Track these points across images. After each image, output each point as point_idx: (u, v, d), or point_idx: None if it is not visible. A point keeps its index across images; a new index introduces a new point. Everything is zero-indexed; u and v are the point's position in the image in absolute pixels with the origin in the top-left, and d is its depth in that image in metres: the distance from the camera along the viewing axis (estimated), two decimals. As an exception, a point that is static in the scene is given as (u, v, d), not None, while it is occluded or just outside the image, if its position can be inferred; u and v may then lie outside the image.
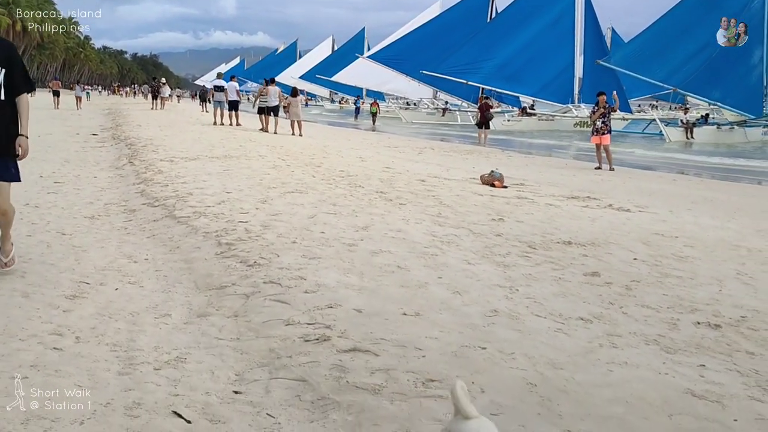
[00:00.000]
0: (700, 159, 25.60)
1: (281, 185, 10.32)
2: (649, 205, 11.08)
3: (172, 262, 6.30)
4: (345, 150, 19.38)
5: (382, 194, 9.95)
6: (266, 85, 27.33)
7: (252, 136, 21.33)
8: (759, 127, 35.97)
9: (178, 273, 5.96)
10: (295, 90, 27.27)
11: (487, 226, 7.84)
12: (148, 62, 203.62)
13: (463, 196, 10.34)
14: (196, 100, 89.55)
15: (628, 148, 28.77)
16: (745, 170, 22.09)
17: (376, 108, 49.93)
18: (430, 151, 22.53)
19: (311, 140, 22.97)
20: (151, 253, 6.62)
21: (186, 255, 6.50)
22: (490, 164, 18.89)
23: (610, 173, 17.98)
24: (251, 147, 16.97)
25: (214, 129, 24.18)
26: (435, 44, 51.44)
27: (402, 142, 27.53)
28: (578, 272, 5.89)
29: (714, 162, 24.22)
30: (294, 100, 25.64)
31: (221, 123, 27.60)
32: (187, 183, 10.31)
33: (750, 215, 10.77)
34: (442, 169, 15.42)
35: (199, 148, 15.95)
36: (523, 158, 22.33)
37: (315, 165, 13.68)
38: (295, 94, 26.33)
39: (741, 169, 22.38)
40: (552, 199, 10.97)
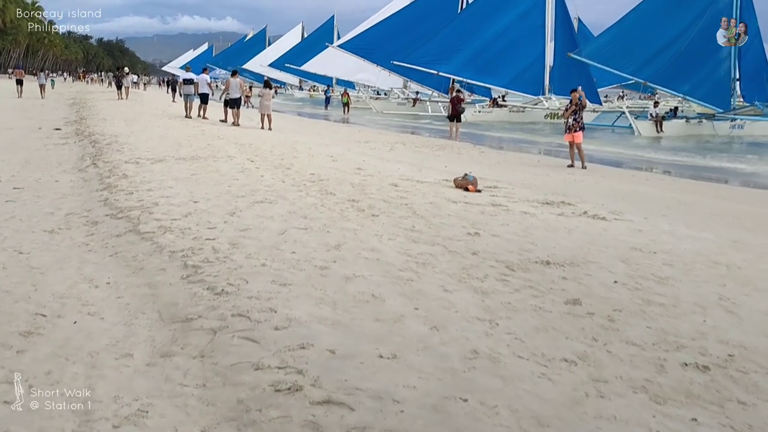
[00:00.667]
0: (670, 157, 25.64)
1: (250, 193, 10.02)
2: (624, 210, 10.96)
3: (135, 287, 6.01)
4: (315, 147, 19.06)
5: (354, 203, 9.70)
6: (230, 77, 26.93)
7: (220, 132, 20.91)
8: (727, 121, 36.23)
9: (141, 300, 5.68)
10: (267, 82, 26.91)
11: (462, 242, 7.63)
12: (115, 47, 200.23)
13: (437, 204, 10.12)
14: (164, 87, 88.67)
15: (599, 143, 28.75)
16: (715, 169, 22.17)
17: (347, 98, 49.78)
18: (401, 147, 22.32)
19: (281, 135, 22.60)
20: (114, 276, 6.33)
21: (150, 278, 6.21)
22: (462, 161, 18.76)
23: (583, 172, 17.91)
24: (219, 146, 16.59)
25: (182, 124, 23.71)
26: (405, 34, 51.07)
27: (373, 135, 27.27)
28: (559, 299, 5.71)
29: (684, 160, 24.28)
30: (266, 92, 25.25)
31: (190, 116, 27.16)
32: (153, 190, 9.97)
33: (724, 222, 10.72)
34: (414, 170, 15.18)
35: (165, 147, 15.55)
36: (496, 154, 22.21)
37: (285, 167, 13.37)
38: (268, 86, 25.94)
39: (711, 167, 22.44)
40: (527, 205, 10.80)
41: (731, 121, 36.29)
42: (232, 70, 28.86)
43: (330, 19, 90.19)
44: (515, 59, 45.15)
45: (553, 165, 19.60)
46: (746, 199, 14.19)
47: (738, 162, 23.82)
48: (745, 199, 14.17)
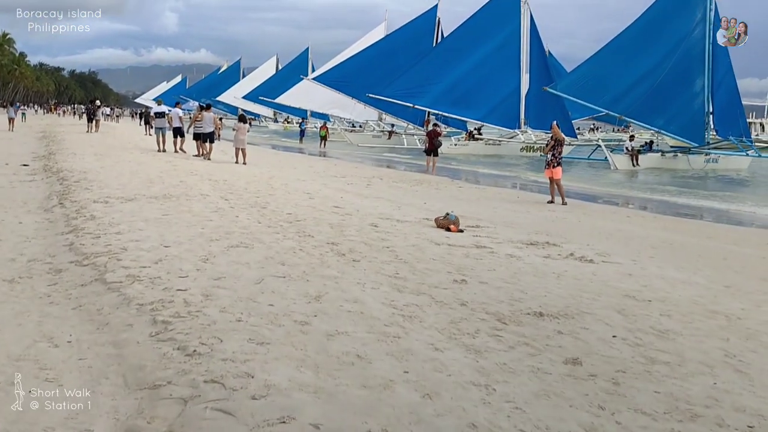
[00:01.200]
0: (649, 192, 25.57)
1: (225, 236, 9.57)
2: (611, 251, 10.69)
3: (99, 346, 5.54)
4: (292, 182, 18.67)
5: (334, 246, 9.29)
6: (200, 111, 26.58)
7: (194, 168, 20.45)
8: (701, 155, 36.45)
9: (105, 362, 5.20)
10: (242, 116, 26.66)
11: (449, 291, 7.25)
12: (87, 79, 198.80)
13: (420, 247, 9.75)
14: (137, 119, 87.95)
15: (576, 177, 28.66)
16: (694, 206, 22.08)
17: (325, 132, 49.65)
18: (378, 182, 21.98)
19: (256, 170, 22.19)
20: (76, 332, 5.84)
21: (116, 336, 5.73)
22: (441, 197, 18.46)
23: (564, 208, 17.67)
24: (193, 183, 16.13)
25: (154, 158, 23.20)
26: (380, 67, 51.24)
27: (349, 169, 26.94)
28: (557, 358, 5.33)
29: (664, 196, 24.18)
30: (241, 126, 24.90)
31: (163, 150, 26.70)
32: (122, 234, 9.49)
33: (713, 264, 10.46)
34: (393, 207, 14.84)
35: (136, 184, 15.06)
36: (474, 190, 21.94)
37: (261, 206, 12.94)
38: (243, 121, 25.62)
39: (691, 204, 22.35)
40: (511, 246, 10.48)
41: (706, 155, 36.50)
42: (205, 104, 28.45)
43: (305, 51, 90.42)
44: (490, 92, 45.27)
45: (533, 201, 19.35)
46: (731, 238, 13.98)
47: (716, 198, 23.77)
48: (729, 238, 13.96)
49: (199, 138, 25.68)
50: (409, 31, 54.12)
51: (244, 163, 23.98)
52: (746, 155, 36.41)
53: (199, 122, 25.67)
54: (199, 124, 25.65)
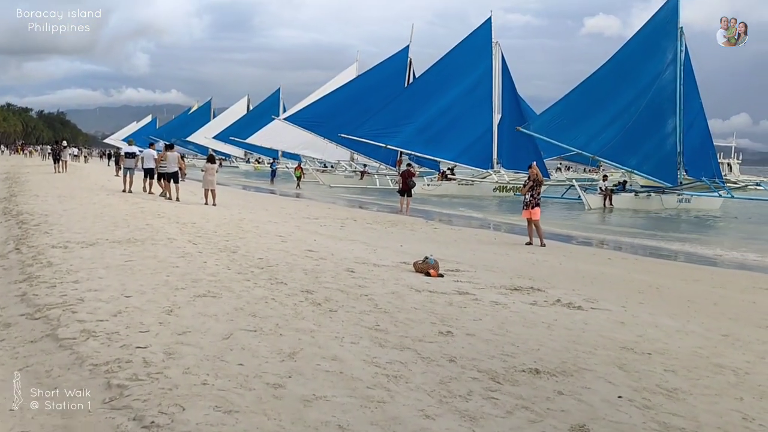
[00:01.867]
0: (626, 233, 25.30)
1: (191, 284, 8.94)
2: (598, 297, 10.24)
3: (44, 415, 4.88)
4: (263, 225, 18.06)
5: (309, 295, 8.70)
6: (165, 151, 26.03)
7: (161, 209, 19.74)
8: (674, 195, 36.46)
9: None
10: (211, 156, 26.12)
11: (435, 345, 6.69)
12: (55, 120, 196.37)
13: (400, 294, 9.20)
14: (105, 159, 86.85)
15: (551, 217, 28.39)
16: (672, 247, 21.83)
17: (300, 172, 49.48)
18: (352, 223, 21.45)
19: (226, 212, 21.55)
20: (21, 399, 5.17)
21: (65, 402, 5.07)
22: (417, 239, 17.96)
23: (543, 250, 17.28)
24: (159, 226, 15.44)
25: (121, 200, 22.46)
26: (352, 107, 51.06)
27: (322, 210, 26.39)
28: (562, 425, 4.77)
29: (641, 237, 23.92)
30: (210, 167, 24.32)
31: (129, 190, 26.01)
32: (80, 282, 8.80)
33: (705, 311, 10.06)
34: (369, 250, 14.29)
35: (100, 228, 14.34)
36: (450, 231, 21.46)
37: (230, 250, 12.32)
38: (212, 161, 25.01)
39: (670, 245, 22.08)
40: (494, 292, 9.99)
41: (678, 195, 36.54)
42: (169, 143, 27.97)
43: (276, 91, 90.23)
44: (463, 132, 45.18)
45: (510, 243, 18.93)
46: (716, 281, 13.61)
47: (694, 240, 23.55)
48: (715, 281, 13.59)
49: (163, 178, 25.17)
50: (380, 72, 54.06)
51: (213, 204, 23.37)
52: (719, 196, 36.50)
53: (163, 162, 25.13)
54: (163, 163, 25.11)
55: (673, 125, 36.57)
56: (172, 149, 26.41)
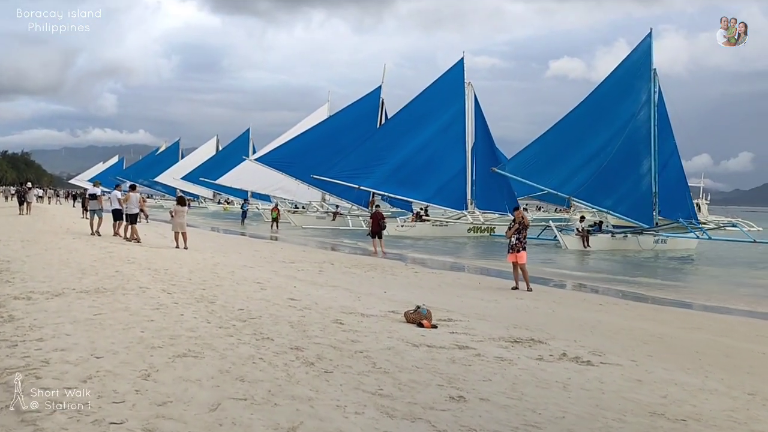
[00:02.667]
0: (610, 276, 24.84)
1: (169, 341, 8.12)
2: (603, 349, 9.66)
3: None
4: (239, 270, 17.24)
5: (299, 352, 7.94)
6: (129, 192, 25.59)
7: (131, 254, 18.82)
8: (651, 236, 36.28)
9: None
10: (181, 198, 25.33)
11: (449, 413, 5.97)
12: (20, 160, 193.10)
13: (397, 350, 8.47)
14: (70, 201, 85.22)
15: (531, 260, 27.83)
16: (658, 289, 21.41)
17: (276, 213, 48.87)
18: (330, 267, 20.70)
19: (198, 255, 20.71)
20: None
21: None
22: (399, 285, 17.29)
23: (531, 295, 16.70)
24: (130, 273, 14.55)
25: (87, 244, 21.49)
26: (324, 147, 50.53)
27: (297, 254, 25.57)
28: None
29: (625, 280, 23.46)
30: (180, 209, 23.57)
31: (97, 233, 25.15)
32: (44, 340, 7.94)
33: (719, 364, 9.51)
34: (353, 298, 13.57)
35: (66, 276, 13.43)
36: (432, 275, 20.77)
37: (208, 300, 11.50)
38: (182, 203, 24.25)
39: (655, 288, 21.64)
40: (495, 345, 9.34)
41: (654, 236, 36.36)
42: (131, 184, 27.39)
43: (246, 132, 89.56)
44: (437, 173, 44.79)
45: (495, 287, 18.29)
46: (717, 329, 13.08)
47: (679, 282, 23.18)
48: (716, 329, 13.06)
49: (124, 219, 24.91)
50: (352, 113, 53.67)
51: (185, 247, 22.58)
52: (696, 237, 36.37)
53: (127, 203, 24.77)
54: (126, 205, 24.76)
55: (648, 166, 36.50)
56: (134, 190, 26.06)
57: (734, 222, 38.79)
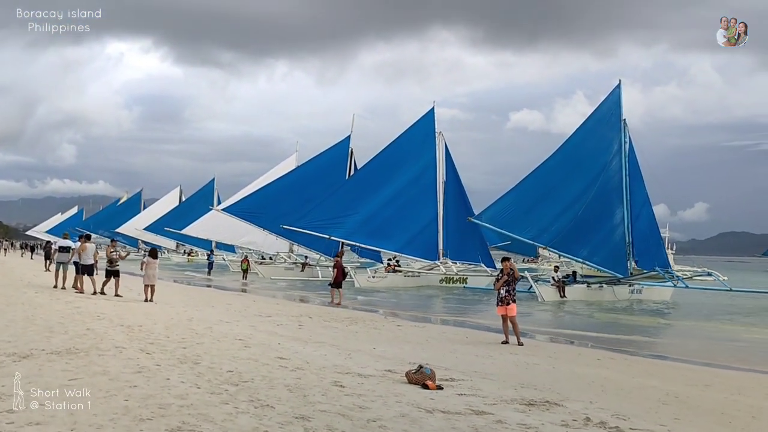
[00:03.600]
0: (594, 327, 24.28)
1: (159, 411, 7.22)
2: (624, 412, 9.03)
3: None
4: (216, 325, 16.30)
5: (306, 423, 7.12)
6: (84, 242, 24.65)
7: (99, 310, 17.73)
8: (626, 286, 35.90)
9: None
10: (154, 251, 24.47)
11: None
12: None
13: (413, 418, 7.70)
14: (27, 252, 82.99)
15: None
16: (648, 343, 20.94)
17: (246, 265, 47.73)
18: (309, 321, 19.82)
19: (170, 309, 19.73)
20: None
21: None
22: (385, 339, 16.51)
23: (523, 350, 16.03)
24: (102, 330, 13.54)
25: (51, 298, 20.33)
26: (293, 197, 49.79)
27: (271, 307, 24.59)
28: None
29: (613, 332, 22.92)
30: (152, 261, 22.70)
31: (62, 287, 24.02)
32: (15, 413, 6.99)
33: (750, 428, 8.91)
34: (343, 356, 12.75)
35: (32, 335, 12.36)
36: (415, 329, 19.96)
37: (192, 361, 10.58)
38: (154, 256, 23.37)
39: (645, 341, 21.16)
40: (511, 410, 8.65)
41: (630, 285, 36.02)
42: (85, 234, 26.56)
43: (210, 182, 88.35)
44: (408, 223, 44.17)
45: (484, 341, 17.56)
46: (730, 386, 12.46)
47: (668, 334, 22.72)
48: (728, 386, 12.44)
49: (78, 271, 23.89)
50: (321, 162, 52.96)
51: (151, 299, 21.64)
52: (674, 286, 36.10)
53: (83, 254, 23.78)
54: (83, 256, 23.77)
55: (621, 215, 36.23)
56: (89, 240, 25.29)
57: (709, 271, 38.68)
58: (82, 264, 23.75)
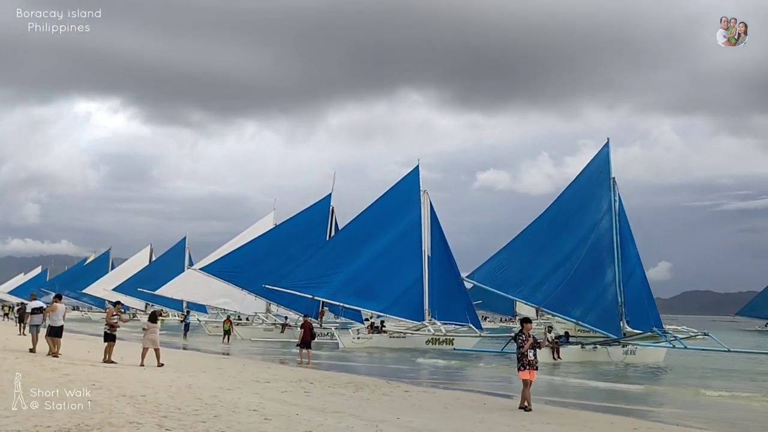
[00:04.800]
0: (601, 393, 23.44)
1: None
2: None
3: None
4: (219, 393, 15.16)
5: None
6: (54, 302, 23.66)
7: (92, 376, 16.48)
8: (620, 347, 35.06)
9: None
10: (154, 314, 24.29)
11: None
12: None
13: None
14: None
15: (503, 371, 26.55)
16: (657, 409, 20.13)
17: (228, 325, 46.61)
18: (312, 387, 18.66)
19: (161, 375, 18.55)
20: None
21: None
22: (403, 407, 15.54)
23: (554, 418, 15.19)
24: (106, 401, 12.35)
25: (35, 365, 18.98)
26: (272, 256, 48.78)
27: (264, 371, 23.38)
28: None
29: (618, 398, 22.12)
30: (152, 325, 22.56)
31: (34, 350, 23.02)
32: None
33: None
34: (370, 427, 11.74)
35: (31, 408, 11.13)
36: (425, 395, 18.93)
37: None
38: (154, 320, 23.25)
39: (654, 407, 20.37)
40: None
41: (623, 346, 35.19)
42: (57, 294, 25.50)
43: (182, 241, 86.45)
44: (393, 282, 43.17)
45: (504, 408, 16.63)
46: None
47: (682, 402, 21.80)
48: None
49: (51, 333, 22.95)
50: (301, 221, 51.97)
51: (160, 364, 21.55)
52: (673, 347, 35.37)
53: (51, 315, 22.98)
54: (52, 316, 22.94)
55: (613, 275, 35.66)
56: (60, 300, 24.09)
57: (705, 332, 38.05)
58: (50, 325, 22.89)
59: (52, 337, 22.76)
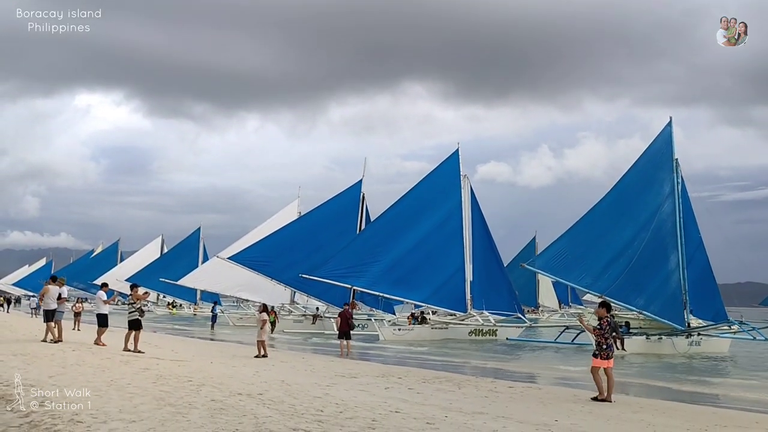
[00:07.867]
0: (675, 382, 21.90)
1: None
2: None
3: None
4: (315, 388, 13.39)
5: None
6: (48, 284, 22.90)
7: (179, 371, 14.68)
8: (684, 338, 33.29)
9: None
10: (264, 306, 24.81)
11: None
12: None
13: None
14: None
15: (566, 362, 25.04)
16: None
17: (274, 317, 43.08)
18: (407, 383, 16.86)
19: (245, 369, 16.78)
20: None
21: None
22: (519, 401, 13.70)
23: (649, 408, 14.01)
24: (233, 402, 10.56)
25: (86, 352, 17.17)
26: (303, 245, 47.17)
27: (336, 365, 21.54)
28: None
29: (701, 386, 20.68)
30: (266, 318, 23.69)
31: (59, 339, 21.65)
32: None
33: None
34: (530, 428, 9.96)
35: (114, 399, 9.35)
36: (529, 390, 17.12)
37: None
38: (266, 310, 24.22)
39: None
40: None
41: (687, 336, 33.45)
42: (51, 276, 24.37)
43: (196, 231, 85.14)
44: (434, 271, 41.32)
45: (564, 398, 15.28)
46: None
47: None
48: None
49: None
50: (331, 209, 50.05)
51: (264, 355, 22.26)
52: (753, 339, 33.68)
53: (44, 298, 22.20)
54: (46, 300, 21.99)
55: (676, 261, 33.81)
56: (55, 282, 23.12)
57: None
58: (44, 309, 22.01)
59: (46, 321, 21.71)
